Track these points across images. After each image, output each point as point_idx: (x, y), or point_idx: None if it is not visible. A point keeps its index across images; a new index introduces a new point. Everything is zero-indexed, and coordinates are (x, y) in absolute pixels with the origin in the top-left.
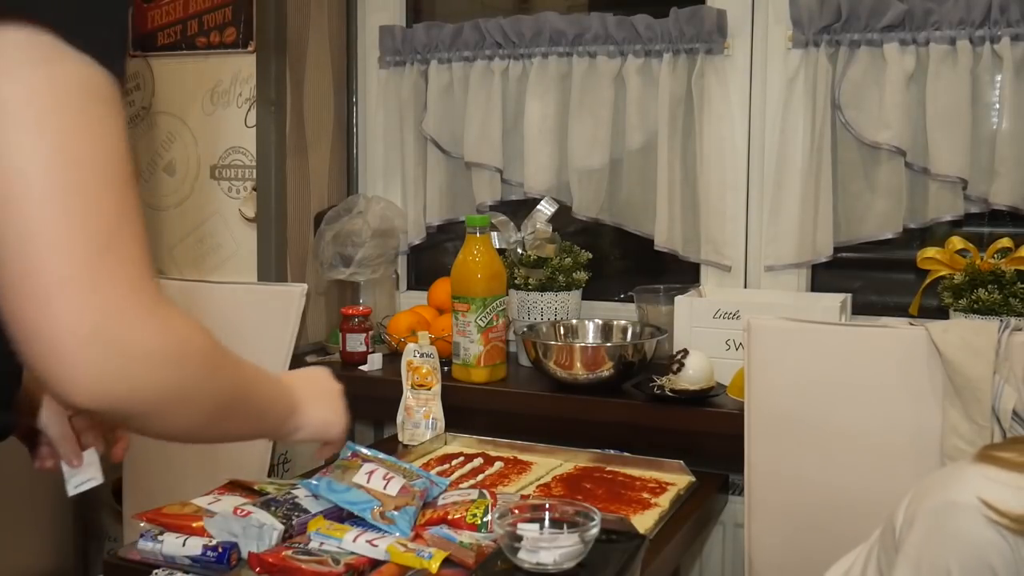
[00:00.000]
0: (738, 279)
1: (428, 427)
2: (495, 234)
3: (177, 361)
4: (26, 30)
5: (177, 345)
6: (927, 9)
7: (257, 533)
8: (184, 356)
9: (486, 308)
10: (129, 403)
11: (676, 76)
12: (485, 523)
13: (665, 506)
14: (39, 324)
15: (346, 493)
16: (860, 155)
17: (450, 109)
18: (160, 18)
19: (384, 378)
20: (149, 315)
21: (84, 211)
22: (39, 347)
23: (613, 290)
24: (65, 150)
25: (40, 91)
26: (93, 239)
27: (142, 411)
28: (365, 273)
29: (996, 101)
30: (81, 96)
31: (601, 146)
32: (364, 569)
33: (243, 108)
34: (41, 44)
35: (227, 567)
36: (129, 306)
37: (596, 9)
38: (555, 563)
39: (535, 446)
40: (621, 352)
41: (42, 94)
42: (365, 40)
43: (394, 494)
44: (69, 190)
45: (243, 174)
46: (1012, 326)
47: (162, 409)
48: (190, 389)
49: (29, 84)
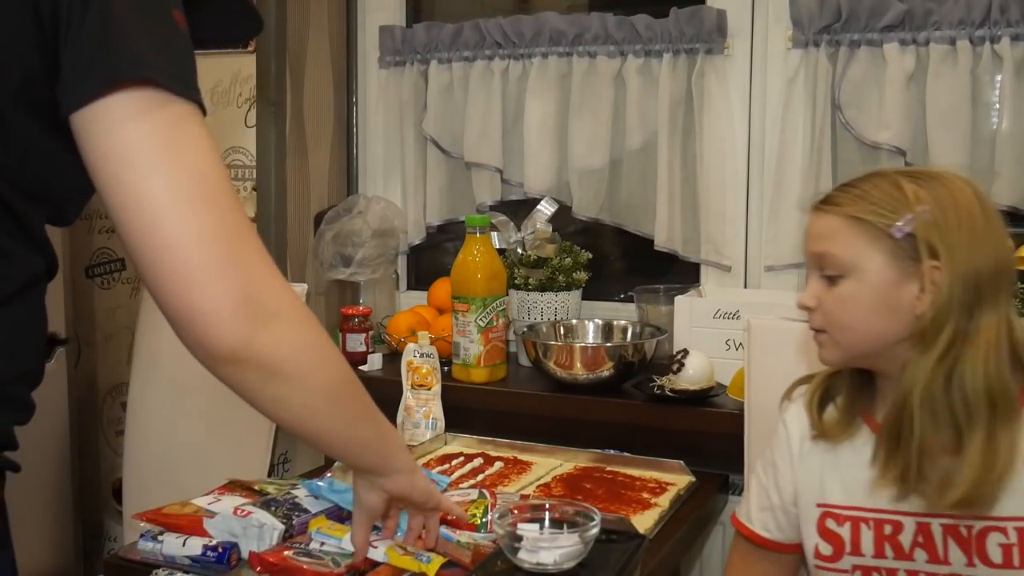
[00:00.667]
0: (738, 279)
1: (428, 427)
2: (495, 234)
3: (308, 323)
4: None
5: (307, 313)
6: (927, 9)
7: (257, 533)
8: (312, 321)
9: (486, 308)
10: (268, 356)
11: (676, 76)
12: (485, 523)
13: (665, 506)
14: (200, 301)
15: (347, 493)
16: (860, 155)
17: (450, 109)
18: None
19: (384, 378)
20: (283, 287)
21: (215, 212)
22: (200, 319)
23: (613, 290)
24: (188, 168)
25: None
26: (227, 232)
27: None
28: (365, 273)
29: (996, 101)
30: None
31: (601, 146)
32: (364, 569)
33: (243, 108)
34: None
35: (227, 567)
36: (268, 279)
37: (596, 9)
38: (555, 563)
39: (535, 446)
40: (621, 352)
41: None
42: (365, 40)
43: None
44: (198, 198)
45: (243, 174)
46: None
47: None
48: (317, 351)
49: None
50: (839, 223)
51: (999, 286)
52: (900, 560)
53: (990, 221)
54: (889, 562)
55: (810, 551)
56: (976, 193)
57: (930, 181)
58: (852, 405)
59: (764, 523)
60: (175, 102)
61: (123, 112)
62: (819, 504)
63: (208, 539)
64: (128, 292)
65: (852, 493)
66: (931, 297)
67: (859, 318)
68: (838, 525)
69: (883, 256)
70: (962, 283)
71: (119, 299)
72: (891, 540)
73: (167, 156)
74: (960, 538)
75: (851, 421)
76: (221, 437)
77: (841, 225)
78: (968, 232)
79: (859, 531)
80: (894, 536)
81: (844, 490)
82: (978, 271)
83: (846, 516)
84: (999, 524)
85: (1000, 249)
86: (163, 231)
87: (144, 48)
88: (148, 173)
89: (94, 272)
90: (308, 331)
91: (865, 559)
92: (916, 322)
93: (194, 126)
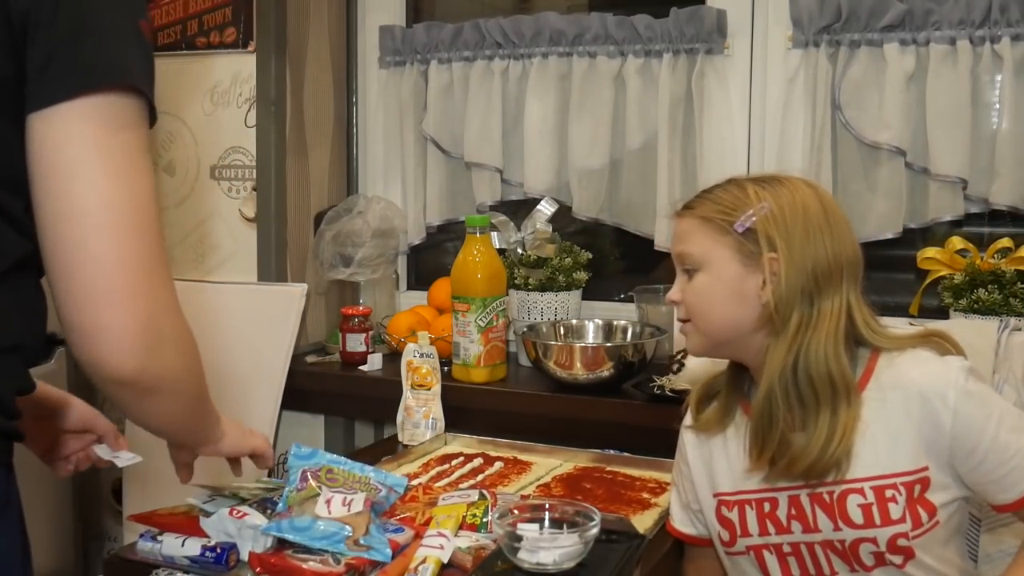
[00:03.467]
0: None
1: (428, 427)
2: (495, 234)
3: (190, 349)
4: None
5: (192, 340)
6: (927, 9)
7: (252, 534)
8: (193, 346)
9: (486, 308)
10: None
11: (676, 76)
12: (485, 523)
13: (665, 506)
14: (109, 320)
15: (310, 530)
16: (860, 155)
17: (450, 109)
18: (160, 18)
19: (384, 378)
20: (179, 315)
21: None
22: (105, 338)
23: (613, 290)
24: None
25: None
26: (149, 261)
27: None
28: (365, 273)
29: (996, 101)
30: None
31: (601, 146)
32: (365, 569)
33: (243, 108)
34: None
35: (225, 567)
36: (169, 307)
37: (596, 9)
38: (555, 563)
39: (535, 446)
40: (621, 352)
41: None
42: (365, 40)
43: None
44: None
45: (243, 174)
46: (1012, 326)
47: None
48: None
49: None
50: (692, 224)
51: (838, 276)
52: (782, 535)
53: (829, 217)
54: (773, 538)
55: (716, 539)
56: (817, 193)
57: (773, 183)
58: (730, 396)
59: (681, 520)
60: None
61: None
62: (715, 494)
63: (207, 539)
64: None
65: (737, 479)
66: (772, 286)
67: (714, 308)
68: (728, 511)
69: (728, 251)
70: (799, 273)
71: None
72: (771, 516)
73: (115, 178)
74: (825, 504)
75: (728, 412)
76: None
77: (694, 226)
78: (803, 227)
79: (745, 513)
80: (772, 512)
81: (731, 477)
82: (815, 261)
83: (734, 501)
84: (855, 486)
85: (838, 242)
86: (93, 248)
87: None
88: (93, 189)
89: None
90: (189, 358)
91: (753, 539)
92: (763, 310)
93: (144, 145)
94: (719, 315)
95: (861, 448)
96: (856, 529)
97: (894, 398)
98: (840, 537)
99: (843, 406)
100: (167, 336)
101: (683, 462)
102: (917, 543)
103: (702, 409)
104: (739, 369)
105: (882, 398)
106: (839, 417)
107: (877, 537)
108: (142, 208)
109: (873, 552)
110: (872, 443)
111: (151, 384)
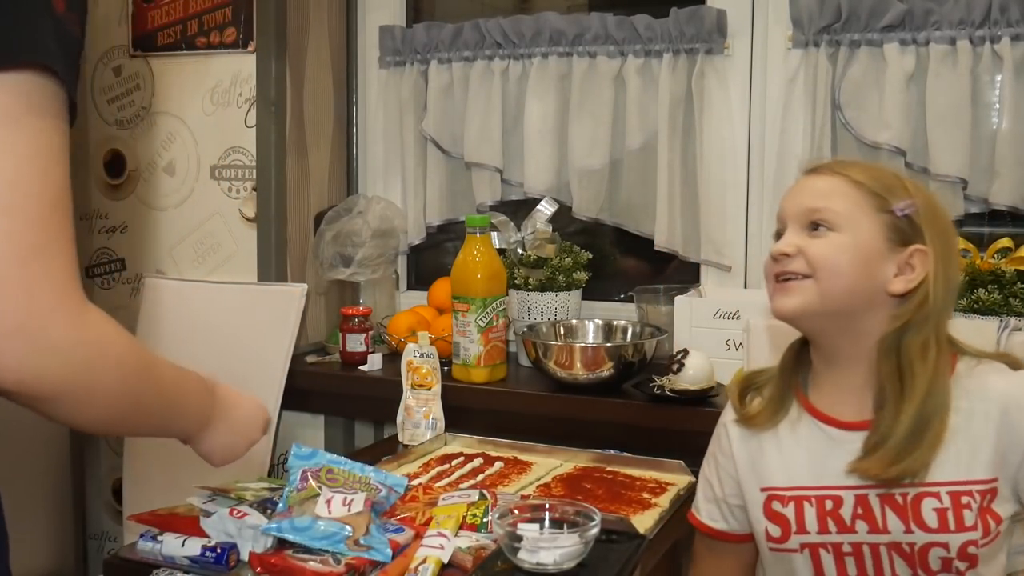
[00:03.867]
0: (738, 279)
1: (428, 427)
2: (495, 234)
3: (87, 362)
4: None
5: (91, 348)
6: (927, 9)
7: (252, 534)
8: (94, 359)
9: (486, 308)
10: (38, 390)
11: (676, 76)
12: (485, 523)
13: (665, 506)
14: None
15: (310, 530)
16: (860, 155)
17: (450, 109)
18: (160, 18)
19: (384, 378)
20: (69, 319)
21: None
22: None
23: (613, 290)
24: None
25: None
26: (20, 250)
27: (49, 398)
28: (365, 273)
29: (996, 101)
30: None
31: (601, 146)
32: (365, 569)
33: (243, 108)
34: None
35: (226, 568)
36: (51, 309)
37: (596, 9)
38: (555, 563)
39: (535, 446)
40: (621, 352)
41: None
42: (365, 40)
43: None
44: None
45: (243, 174)
46: (1012, 326)
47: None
48: (97, 387)
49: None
50: (843, 184)
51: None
52: (843, 534)
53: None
54: (833, 536)
55: (761, 535)
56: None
57: (921, 186)
58: (784, 390)
59: (711, 514)
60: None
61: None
62: (763, 488)
63: (207, 539)
64: (128, 292)
65: (792, 473)
66: (911, 277)
67: (847, 270)
68: (783, 506)
69: (877, 227)
70: (943, 280)
71: (119, 299)
72: (833, 515)
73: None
74: (897, 506)
75: (782, 406)
76: None
77: (845, 187)
78: (951, 240)
79: (803, 509)
80: (835, 511)
81: (785, 471)
82: (953, 277)
83: (789, 496)
84: (932, 490)
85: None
86: None
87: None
88: None
89: (94, 272)
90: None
91: (811, 536)
92: (884, 296)
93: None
94: (849, 278)
95: (941, 452)
96: (929, 533)
97: (977, 406)
98: (910, 540)
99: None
100: (55, 342)
101: (723, 456)
102: (983, 552)
103: (745, 403)
104: (797, 361)
105: (968, 407)
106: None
107: (949, 543)
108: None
109: (942, 558)
110: (953, 448)
111: (40, 395)
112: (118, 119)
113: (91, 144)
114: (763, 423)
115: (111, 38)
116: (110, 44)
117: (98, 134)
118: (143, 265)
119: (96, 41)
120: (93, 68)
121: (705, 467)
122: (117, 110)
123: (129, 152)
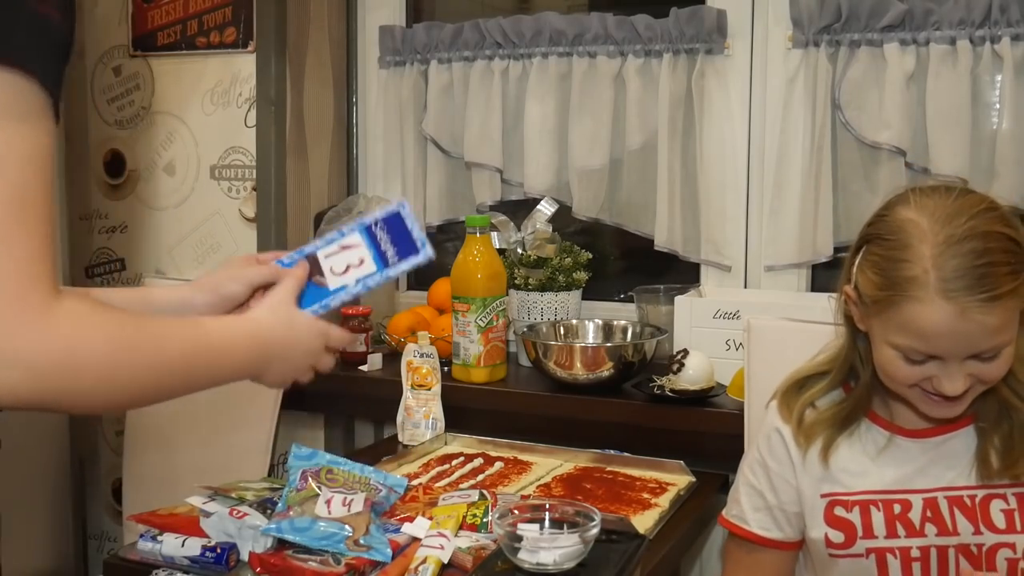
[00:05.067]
0: (738, 279)
1: (428, 427)
2: (495, 234)
3: (58, 368)
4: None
5: (58, 354)
6: (927, 9)
7: (252, 535)
8: (63, 363)
9: (486, 308)
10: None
11: (676, 76)
12: (485, 523)
13: (665, 506)
14: None
15: (310, 530)
16: (860, 155)
17: (450, 109)
18: (160, 18)
19: (384, 378)
20: (32, 326)
21: None
22: None
23: (613, 290)
24: None
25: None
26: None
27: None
28: None
29: (996, 101)
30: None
31: (601, 146)
32: (365, 569)
33: (243, 108)
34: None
35: (226, 568)
36: (8, 319)
37: (596, 9)
38: (555, 563)
39: (535, 446)
40: (621, 352)
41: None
42: (365, 40)
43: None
44: None
45: (243, 174)
46: None
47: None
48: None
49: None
50: (1008, 315)
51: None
52: (912, 538)
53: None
54: (901, 541)
55: (820, 542)
56: None
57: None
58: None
59: (761, 523)
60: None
61: None
62: (823, 495)
63: (207, 539)
64: None
65: (856, 478)
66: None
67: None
68: (847, 511)
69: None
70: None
71: None
72: (901, 518)
73: None
74: (965, 508)
75: (851, 419)
76: (221, 437)
77: (1010, 314)
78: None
79: (869, 514)
80: (904, 514)
81: (848, 476)
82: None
83: (854, 501)
84: (998, 492)
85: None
86: None
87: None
88: None
89: (94, 272)
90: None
91: (878, 541)
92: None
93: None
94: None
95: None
96: (998, 534)
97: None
98: (979, 541)
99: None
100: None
101: (777, 462)
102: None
103: (801, 416)
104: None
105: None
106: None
107: (1016, 543)
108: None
109: (1008, 559)
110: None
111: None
112: (118, 119)
113: (91, 144)
114: (823, 432)
115: (111, 38)
116: (110, 44)
117: (98, 134)
118: (143, 265)
119: (96, 41)
120: (93, 68)
121: (750, 476)
122: (117, 110)
123: (129, 152)
